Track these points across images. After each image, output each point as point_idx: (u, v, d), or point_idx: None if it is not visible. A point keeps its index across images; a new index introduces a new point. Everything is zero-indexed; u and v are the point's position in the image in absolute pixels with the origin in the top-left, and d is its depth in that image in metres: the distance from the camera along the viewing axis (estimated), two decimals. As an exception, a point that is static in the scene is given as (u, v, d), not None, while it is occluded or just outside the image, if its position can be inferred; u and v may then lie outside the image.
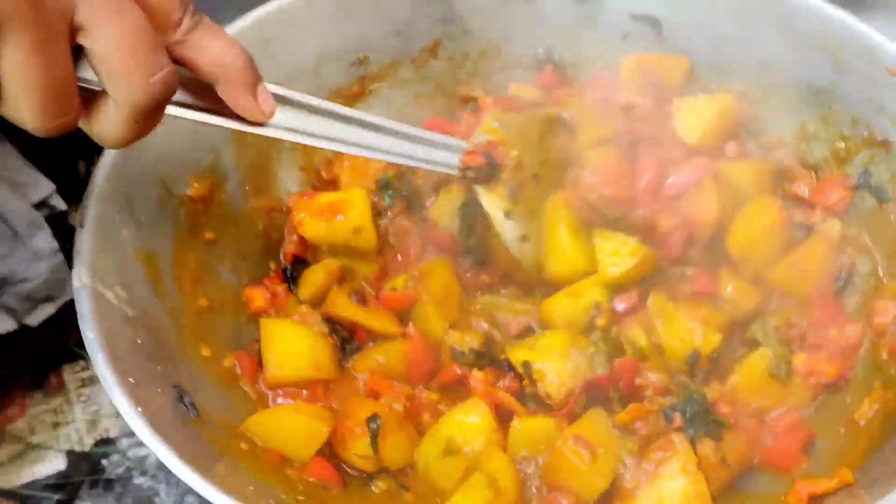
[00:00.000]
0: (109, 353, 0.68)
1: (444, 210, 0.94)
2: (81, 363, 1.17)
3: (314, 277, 0.91)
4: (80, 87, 0.54)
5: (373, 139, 0.76)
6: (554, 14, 1.03)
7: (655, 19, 1.00)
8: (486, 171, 0.85)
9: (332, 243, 0.92)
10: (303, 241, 0.94)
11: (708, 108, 0.97)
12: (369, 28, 0.99)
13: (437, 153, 0.82)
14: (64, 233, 1.11)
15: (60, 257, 1.11)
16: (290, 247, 0.94)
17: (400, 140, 0.79)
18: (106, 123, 0.55)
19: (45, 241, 1.10)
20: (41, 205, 1.09)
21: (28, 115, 0.51)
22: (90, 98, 0.55)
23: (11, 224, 1.06)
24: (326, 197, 0.93)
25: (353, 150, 0.75)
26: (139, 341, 0.74)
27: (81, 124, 0.55)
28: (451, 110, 1.06)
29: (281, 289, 0.93)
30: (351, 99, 1.01)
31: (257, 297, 0.91)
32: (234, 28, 0.93)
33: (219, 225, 0.93)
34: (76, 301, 0.70)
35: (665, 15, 1.00)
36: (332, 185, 0.99)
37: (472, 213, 0.92)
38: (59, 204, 1.11)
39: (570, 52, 1.04)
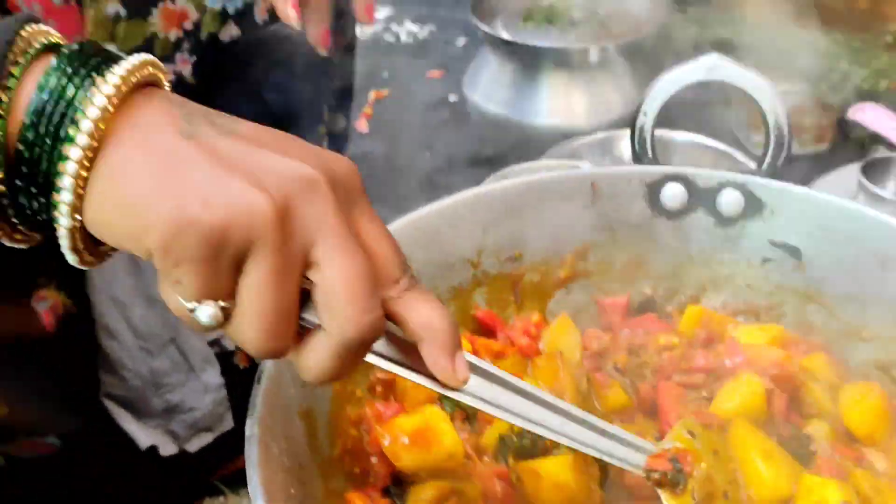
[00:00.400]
0: (268, 500, 0.73)
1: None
2: (221, 498, 1.25)
3: (425, 496, 0.89)
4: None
5: (557, 422, 0.74)
6: (697, 233, 1.09)
7: (795, 248, 1.05)
8: (673, 476, 0.81)
9: (426, 469, 0.91)
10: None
11: (761, 333, 1.02)
12: (527, 228, 1.06)
13: (621, 449, 0.78)
14: (229, 370, 1.23)
15: (224, 392, 1.22)
16: (383, 469, 0.91)
17: (584, 429, 0.76)
18: (313, 356, 0.59)
19: (213, 376, 1.22)
20: (213, 343, 1.22)
21: (252, 335, 0.56)
22: (302, 333, 0.59)
23: (189, 358, 1.19)
24: (408, 422, 0.90)
25: (537, 429, 0.73)
26: (292, 490, 0.80)
27: (290, 354, 0.60)
28: (581, 308, 1.10)
29: (383, 502, 0.90)
30: (503, 289, 1.08)
31: (360, 501, 0.89)
32: (403, 219, 1.00)
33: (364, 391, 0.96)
34: (246, 449, 0.76)
35: (805, 245, 1.05)
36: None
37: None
38: (228, 344, 1.23)
39: (709, 270, 1.10)
